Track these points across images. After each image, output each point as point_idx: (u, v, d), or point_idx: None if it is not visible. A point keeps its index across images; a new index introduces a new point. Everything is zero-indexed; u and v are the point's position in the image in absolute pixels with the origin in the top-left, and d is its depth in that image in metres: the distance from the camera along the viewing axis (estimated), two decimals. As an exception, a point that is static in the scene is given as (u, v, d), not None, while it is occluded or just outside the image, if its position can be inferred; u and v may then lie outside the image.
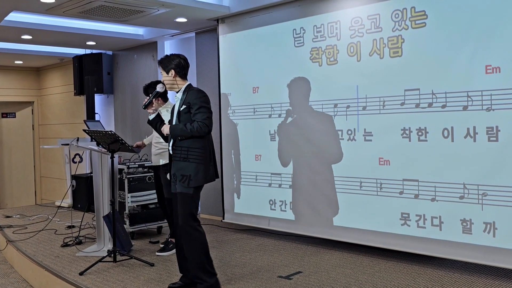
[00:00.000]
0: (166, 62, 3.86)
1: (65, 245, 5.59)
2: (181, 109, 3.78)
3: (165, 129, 3.81)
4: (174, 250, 5.16)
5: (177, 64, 3.85)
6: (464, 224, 4.20)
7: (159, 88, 4.00)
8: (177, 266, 4.66)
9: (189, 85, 3.90)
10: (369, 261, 4.73)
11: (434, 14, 4.32)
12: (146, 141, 5.63)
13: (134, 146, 5.38)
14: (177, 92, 3.91)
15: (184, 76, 3.89)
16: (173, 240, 5.22)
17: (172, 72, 3.84)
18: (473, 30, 4.10)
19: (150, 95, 4.00)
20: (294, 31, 5.42)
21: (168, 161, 5.13)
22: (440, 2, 4.28)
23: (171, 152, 3.86)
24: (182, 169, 3.74)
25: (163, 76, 3.90)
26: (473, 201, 4.14)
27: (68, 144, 6.69)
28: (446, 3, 4.25)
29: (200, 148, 3.75)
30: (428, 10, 4.36)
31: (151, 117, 3.98)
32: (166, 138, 4.00)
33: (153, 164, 5.38)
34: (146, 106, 3.95)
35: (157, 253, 5.18)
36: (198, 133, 3.68)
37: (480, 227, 4.11)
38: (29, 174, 10.92)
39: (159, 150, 5.26)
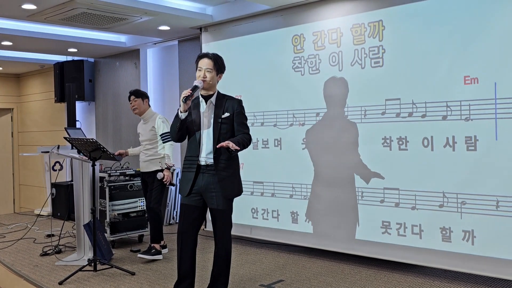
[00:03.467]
0: (221, 63, 3.67)
1: (44, 254, 5.51)
2: (224, 115, 3.55)
3: (234, 146, 3.37)
4: (157, 256, 5.16)
5: (224, 70, 3.73)
6: (444, 232, 4.25)
7: (198, 83, 3.59)
8: (158, 275, 4.64)
9: (218, 91, 3.71)
10: (350, 269, 4.75)
11: (414, 26, 4.40)
12: (130, 151, 5.54)
13: (116, 154, 5.34)
14: (205, 95, 3.63)
15: None
16: (156, 246, 5.20)
17: (221, 76, 3.69)
18: (452, 41, 4.18)
19: (190, 89, 3.54)
20: (277, 40, 5.45)
21: (158, 168, 5.18)
22: (420, 14, 4.36)
23: (203, 163, 3.56)
24: (223, 181, 3.53)
25: (209, 73, 3.57)
26: (452, 210, 4.20)
27: (48, 152, 6.63)
28: (425, 16, 4.33)
29: (237, 159, 3.65)
30: (408, 22, 4.43)
31: (183, 116, 3.53)
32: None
33: (141, 170, 5.36)
34: (186, 100, 3.49)
35: (138, 255, 5.17)
36: (247, 146, 3.55)
37: (459, 235, 4.17)
38: (7, 182, 10.75)
39: (148, 157, 5.26)
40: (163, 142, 5.18)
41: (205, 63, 3.58)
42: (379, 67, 4.63)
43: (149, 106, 5.44)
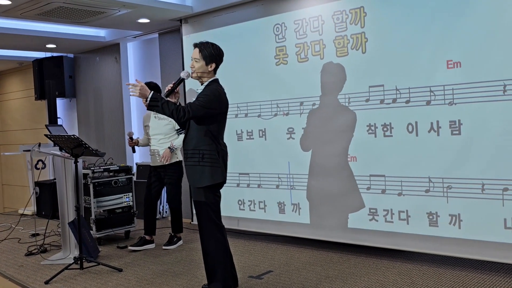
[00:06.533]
0: (210, 51, 3.50)
1: (30, 253, 5.43)
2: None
3: (145, 92, 3.34)
4: (180, 243, 5.51)
5: (220, 58, 3.56)
6: (431, 217, 4.26)
7: (184, 75, 3.55)
8: (146, 271, 4.60)
9: (215, 80, 3.56)
10: (339, 257, 4.75)
11: (396, 11, 4.38)
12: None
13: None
14: (201, 84, 3.59)
15: (216, 71, 3.59)
16: (178, 235, 5.51)
17: (214, 65, 3.52)
18: (434, 26, 4.16)
19: (173, 83, 3.57)
20: (259, 30, 5.40)
21: (175, 160, 5.31)
22: (400, 0, 4.35)
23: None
24: (189, 169, 3.54)
25: (196, 63, 3.50)
26: (438, 194, 4.21)
27: (30, 150, 6.52)
28: (407, 1, 4.30)
29: (206, 150, 3.47)
30: (390, 7, 4.41)
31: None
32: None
33: (153, 164, 5.44)
34: (168, 95, 3.52)
35: (163, 247, 5.40)
36: (177, 116, 3.33)
37: (446, 219, 4.18)
38: (-10, 182, 10.59)
39: (164, 151, 5.29)
40: (179, 134, 5.35)
41: (193, 53, 3.56)
42: (361, 54, 4.61)
43: None
